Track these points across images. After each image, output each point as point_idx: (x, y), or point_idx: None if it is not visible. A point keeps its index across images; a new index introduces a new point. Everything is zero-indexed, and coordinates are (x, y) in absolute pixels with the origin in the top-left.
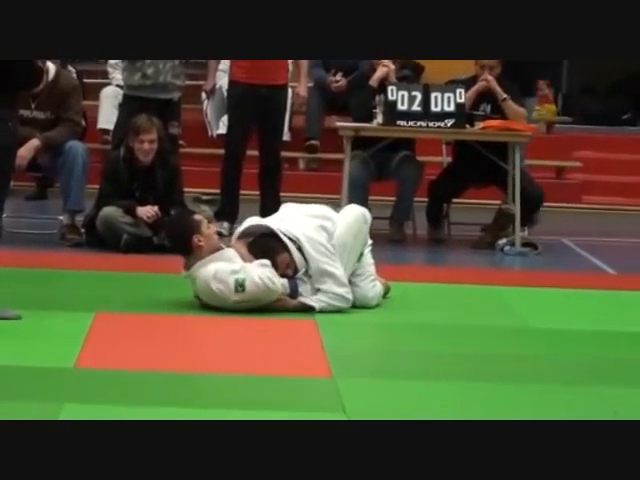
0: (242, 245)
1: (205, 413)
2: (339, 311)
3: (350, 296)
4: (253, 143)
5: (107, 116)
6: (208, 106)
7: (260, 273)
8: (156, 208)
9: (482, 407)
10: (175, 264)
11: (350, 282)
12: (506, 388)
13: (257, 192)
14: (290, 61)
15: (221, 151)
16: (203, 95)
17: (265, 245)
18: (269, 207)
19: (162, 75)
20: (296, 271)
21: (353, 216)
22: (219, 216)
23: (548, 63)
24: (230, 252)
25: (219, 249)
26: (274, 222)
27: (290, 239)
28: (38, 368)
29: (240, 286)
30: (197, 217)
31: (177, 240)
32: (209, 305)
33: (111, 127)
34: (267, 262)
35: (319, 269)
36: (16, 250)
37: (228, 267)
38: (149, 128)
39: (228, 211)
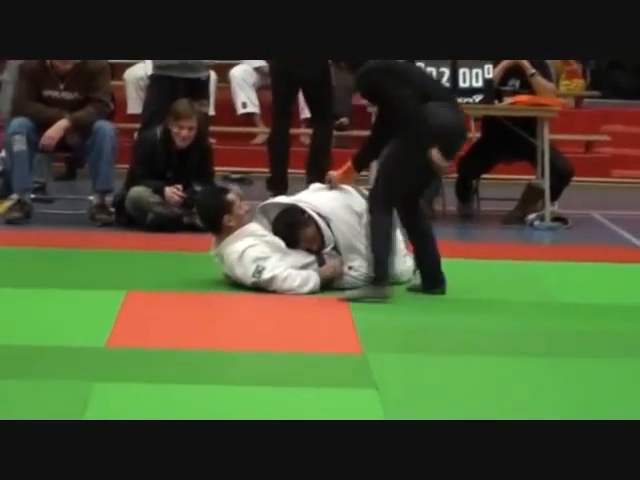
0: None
1: (236, 390)
2: None
3: None
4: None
5: (133, 100)
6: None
7: (286, 271)
8: (180, 192)
9: (516, 382)
10: (204, 243)
11: None
12: (539, 362)
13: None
14: None
15: (249, 129)
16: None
17: (289, 218)
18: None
19: None
20: (322, 246)
21: None
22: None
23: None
24: (252, 226)
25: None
26: (302, 198)
27: (320, 215)
28: (69, 347)
29: (258, 273)
30: (230, 197)
31: (208, 218)
32: (238, 283)
33: (139, 111)
34: (309, 260)
35: (349, 246)
36: (46, 230)
37: (256, 251)
38: (190, 115)
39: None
